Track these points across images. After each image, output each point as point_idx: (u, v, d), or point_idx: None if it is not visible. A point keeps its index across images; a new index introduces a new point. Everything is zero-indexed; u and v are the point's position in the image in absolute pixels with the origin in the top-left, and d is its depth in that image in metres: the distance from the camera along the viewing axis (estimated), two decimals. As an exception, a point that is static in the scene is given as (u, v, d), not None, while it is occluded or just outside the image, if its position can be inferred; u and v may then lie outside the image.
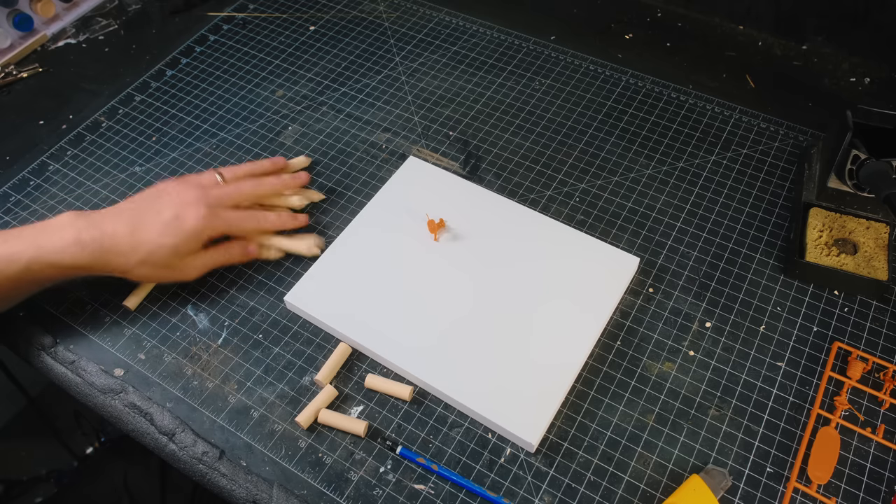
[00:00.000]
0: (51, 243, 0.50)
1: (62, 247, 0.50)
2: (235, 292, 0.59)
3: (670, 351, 0.54)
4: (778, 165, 0.66)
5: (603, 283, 0.56)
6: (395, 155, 0.68)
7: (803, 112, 0.70)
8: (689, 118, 0.70)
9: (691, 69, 0.75)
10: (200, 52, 0.80)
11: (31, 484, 1.04)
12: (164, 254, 0.52)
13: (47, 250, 0.50)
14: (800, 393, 0.52)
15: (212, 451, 0.50)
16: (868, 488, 0.47)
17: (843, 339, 0.55)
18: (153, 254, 0.52)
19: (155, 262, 0.52)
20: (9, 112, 0.74)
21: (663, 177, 0.66)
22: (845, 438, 0.49)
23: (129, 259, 0.52)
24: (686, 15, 0.81)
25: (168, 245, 0.52)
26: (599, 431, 0.50)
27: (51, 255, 0.50)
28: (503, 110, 0.72)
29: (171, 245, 0.52)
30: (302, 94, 0.75)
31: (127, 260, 0.52)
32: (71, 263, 0.51)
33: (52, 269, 0.51)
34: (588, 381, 0.53)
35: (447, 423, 0.51)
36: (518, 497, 0.48)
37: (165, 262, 0.53)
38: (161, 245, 0.52)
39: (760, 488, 0.47)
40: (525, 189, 0.65)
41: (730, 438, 0.50)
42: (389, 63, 0.77)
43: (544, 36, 0.80)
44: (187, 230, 0.53)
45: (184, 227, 0.53)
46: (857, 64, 0.75)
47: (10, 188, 0.67)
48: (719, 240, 0.61)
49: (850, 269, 0.56)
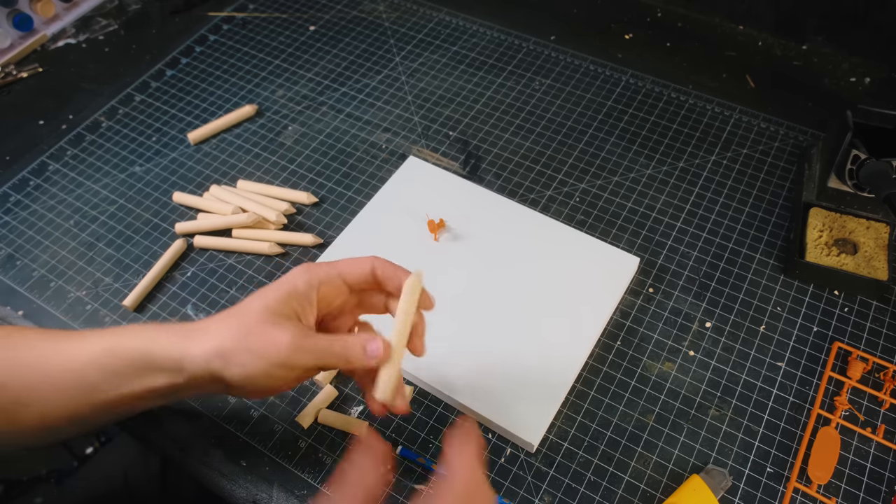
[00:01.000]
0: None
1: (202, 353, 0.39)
2: (235, 292, 0.59)
3: (670, 351, 0.54)
4: (778, 165, 0.66)
5: (603, 283, 0.56)
6: (395, 155, 0.68)
7: (803, 112, 0.70)
8: (689, 118, 0.70)
9: (691, 69, 0.75)
10: (200, 52, 0.80)
11: (31, 484, 1.04)
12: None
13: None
14: (800, 393, 0.52)
15: (212, 451, 0.50)
16: (868, 488, 0.47)
17: (844, 339, 0.54)
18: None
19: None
20: (9, 112, 0.74)
21: (663, 177, 0.66)
22: (845, 438, 0.49)
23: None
24: (686, 15, 0.81)
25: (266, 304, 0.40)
26: (599, 431, 0.50)
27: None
28: (503, 110, 0.72)
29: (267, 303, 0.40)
30: (302, 95, 0.75)
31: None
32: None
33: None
34: (588, 381, 0.53)
35: (447, 424, 0.51)
36: (518, 497, 0.48)
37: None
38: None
39: (760, 488, 0.47)
40: (525, 189, 0.65)
41: (730, 438, 0.50)
42: (389, 63, 0.77)
43: (544, 36, 0.79)
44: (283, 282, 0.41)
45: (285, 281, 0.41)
46: (857, 64, 0.75)
47: (10, 188, 0.67)
48: (719, 240, 0.61)
49: (851, 269, 0.56)
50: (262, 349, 0.38)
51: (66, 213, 0.65)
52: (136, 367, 0.40)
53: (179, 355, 0.39)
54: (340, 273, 0.42)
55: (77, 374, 0.40)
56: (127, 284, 0.60)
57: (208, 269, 0.60)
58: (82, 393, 0.40)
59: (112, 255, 0.62)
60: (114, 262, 0.61)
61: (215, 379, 0.39)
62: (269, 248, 0.60)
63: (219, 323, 0.40)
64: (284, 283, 0.41)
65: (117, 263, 0.61)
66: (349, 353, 0.40)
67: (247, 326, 0.39)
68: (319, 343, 0.39)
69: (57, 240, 0.63)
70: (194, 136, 0.70)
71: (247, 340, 0.39)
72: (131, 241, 0.63)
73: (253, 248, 0.60)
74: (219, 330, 0.40)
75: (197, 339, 0.39)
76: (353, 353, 0.40)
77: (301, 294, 0.41)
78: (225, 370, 0.39)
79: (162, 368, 0.40)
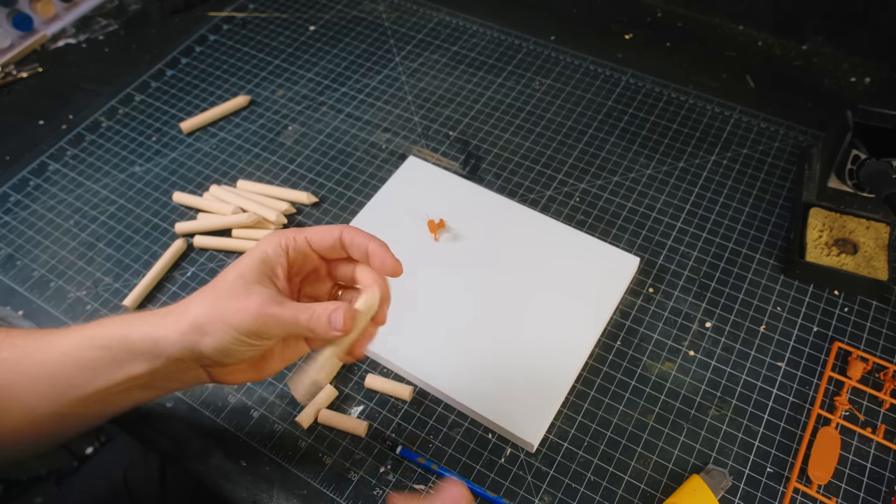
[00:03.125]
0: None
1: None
2: (235, 292, 0.59)
3: (670, 351, 0.54)
4: (778, 165, 0.66)
5: (603, 283, 0.56)
6: (395, 155, 0.68)
7: (803, 112, 0.70)
8: (689, 118, 0.70)
9: (691, 69, 0.75)
10: (200, 52, 0.80)
11: (31, 484, 1.04)
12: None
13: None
14: (800, 393, 0.52)
15: (212, 451, 0.50)
16: (868, 488, 0.47)
17: (844, 339, 0.54)
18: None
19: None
20: (9, 112, 0.74)
21: (663, 177, 0.66)
22: (845, 438, 0.49)
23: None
24: (686, 15, 0.81)
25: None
26: (599, 431, 0.50)
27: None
28: (503, 110, 0.72)
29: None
30: (302, 95, 0.75)
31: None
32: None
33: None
34: (588, 381, 0.53)
35: (447, 424, 0.51)
36: (518, 497, 0.48)
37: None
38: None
39: (760, 488, 0.47)
40: (525, 189, 0.65)
41: (730, 438, 0.50)
42: (389, 63, 0.77)
43: (544, 36, 0.79)
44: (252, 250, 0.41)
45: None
46: (857, 64, 0.75)
47: (10, 188, 0.67)
48: (719, 240, 0.61)
49: (851, 269, 0.56)
50: (231, 317, 0.38)
51: (66, 213, 0.65)
52: (114, 355, 0.39)
53: (156, 336, 0.39)
54: (308, 238, 0.42)
55: (53, 369, 0.40)
56: (127, 284, 0.60)
57: (208, 269, 0.60)
58: (60, 389, 0.40)
59: (112, 255, 0.62)
60: (114, 262, 0.61)
61: (194, 357, 0.39)
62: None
63: (195, 299, 0.40)
64: (256, 250, 0.41)
65: (117, 263, 0.61)
66: (313, 324, 0.39)
67: (221, 297, 0.39)
68: (286, 311, 0.39)
69: (57, 240, 0.63)
70: (186, 126, 0.70)
71: (219, 310, 0.38)
72: (131, 241, 0.63)
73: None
74: (195, 305, 0.39)
75: (173, 319, 0.39)
76: (317, 324, 0.39)
77: (272, 259, 0.41)
78: (200, 343, 0.38)
79: (141, 352, 0.39)
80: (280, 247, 0.41)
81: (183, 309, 0.40)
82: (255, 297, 0.39)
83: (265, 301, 0.39)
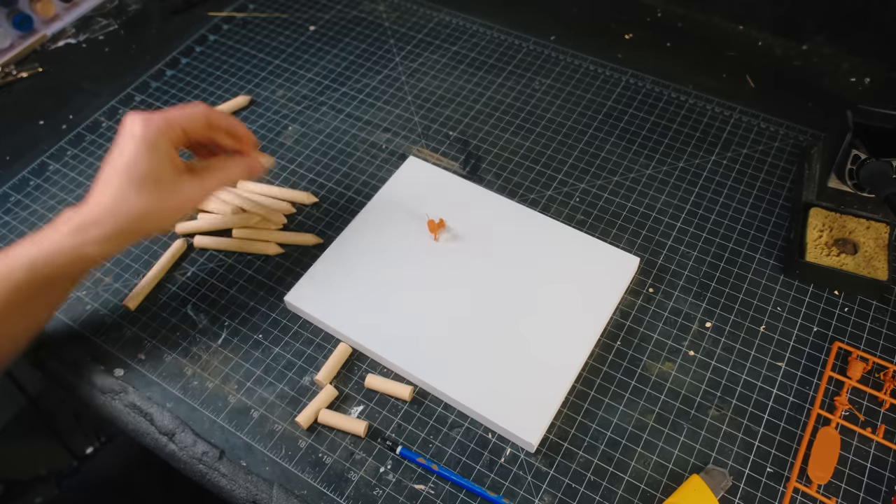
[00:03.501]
0: (47, 238, 0.47)
1: (58, 238, 0.47)
2: (235, 292, 0.59)
3: (670, 351, 0.54)
4: (778, 165, 0.66)
5: (603, 282, 0.56)
6: (395, 155, 0.68)
7: (803, 112, 0.70)
8: (689, 118, 0.70)
9: (691, 69, 0.75)
10: (200, 52, 0.80)
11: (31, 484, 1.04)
12: (137, 184, 0.47)
13: (46, 246, 0.47)
14: (800, 393, 0.52)
15: (212, 451, 0.50)
16: (868, 488, 0.47)
17: (844, 339, 0.54)
18: (130, 190, 0.47)
19: (139, 198, 0.48)
20: (9, 112, 0.74)
21: (663, 177, 0.66)
22: (845, 438, 0.49)
23: (121, 209, 0.48)
24: (686, 15, 0.81)
25: (134, 167, 0.48)
26: (599, 431, 0.50)
27: (50, 251, 0.47)
28: (503, 110, 0.72)
29: (135, 166, 0.48)
30: (302, 95, 0.75)
31: (118, 212, 0.48)
32: (74, 253, 0.47)
33: (56, 267, 0.47)
34: (588, 381, 0.53)
35: (447, 424, 0.51)
36: (518, 497, 0.48)
37: (147, 194, 0.48)
38: (128, 172, 0.47)
39: (760, 488, 0.47)
40: (525, 189, 0.65)
41: (730, 438, 0.50)
42: (389, 63, 0.77)
43: (544, 36, 0.80)
44: (138, 141, 0.48)
45: (135, 140, 0.48)
46: (857, 64, 0.75)
47: (10, 188, 0.67)
48: (719, 240, 0.61)
49: (851, 269, 0.56)
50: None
51: (66, 213, 0.65)
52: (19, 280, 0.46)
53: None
54: (182, 126, 0.50)
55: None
56: (127, 284, 0.60)
57: (208, 269, 0.60)
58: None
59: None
60: (114, 261, 0.61)
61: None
62: (270, 248, 0.60)
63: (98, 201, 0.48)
64: (141, 142, 0.48)
65: (117, 263, 0.61)
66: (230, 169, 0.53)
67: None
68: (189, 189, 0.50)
69: (57, 240, 0.63)
70: None
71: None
72: (131, 241, 0.63)
73: (253, 248, 0.60)
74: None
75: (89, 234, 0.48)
76: (233, 168, 0.53)
77: (162, 150, 0.48)
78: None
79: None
80: (171, 143, 0.49)
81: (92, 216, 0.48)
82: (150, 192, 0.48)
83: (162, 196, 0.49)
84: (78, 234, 0.47)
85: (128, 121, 0.49)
